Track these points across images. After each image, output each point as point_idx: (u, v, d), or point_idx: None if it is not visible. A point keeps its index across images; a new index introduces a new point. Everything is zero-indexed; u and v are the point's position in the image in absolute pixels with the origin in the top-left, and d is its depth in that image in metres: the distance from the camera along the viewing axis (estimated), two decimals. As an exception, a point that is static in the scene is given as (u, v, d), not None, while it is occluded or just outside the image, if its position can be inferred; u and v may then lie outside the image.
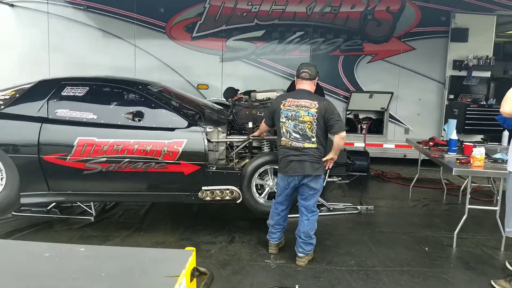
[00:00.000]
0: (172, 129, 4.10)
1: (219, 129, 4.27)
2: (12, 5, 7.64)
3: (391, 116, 7.44)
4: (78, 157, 3.95)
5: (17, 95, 4.17)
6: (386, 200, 5.80)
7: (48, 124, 3.97)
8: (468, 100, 7.18)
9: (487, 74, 7.17)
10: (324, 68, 7.09)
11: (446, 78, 7.16)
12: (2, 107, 4.09)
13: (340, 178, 5.28)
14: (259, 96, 4.81)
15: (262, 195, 4.36)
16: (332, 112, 3.50)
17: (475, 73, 7.09)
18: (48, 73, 7.59)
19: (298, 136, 3.54)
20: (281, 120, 3.60)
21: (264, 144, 4.50)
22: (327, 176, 3.77)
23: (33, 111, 4.05)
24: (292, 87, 6.15)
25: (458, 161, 4.30)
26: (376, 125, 7.59)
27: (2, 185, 4.05)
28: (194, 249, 1.57)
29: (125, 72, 7.15)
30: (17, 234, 4.29)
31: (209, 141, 4.16)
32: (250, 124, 4.65)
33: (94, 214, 4.72)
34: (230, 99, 5.02)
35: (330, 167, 3.72)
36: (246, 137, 4.40)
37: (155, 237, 4.29)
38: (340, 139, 3.52)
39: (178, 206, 5.19)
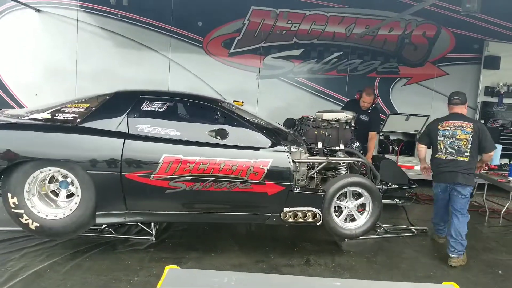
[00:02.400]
0: (257, 148, 3.98)
1: (301, 149, 4.18)
2: (38, 10, 7.37)
3: (422, 138, 7.53)
4: (163, 175, 3.75)
5: (93, 108, 3.96)
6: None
7: (131, 140, 3.76)
8: (497, 125, 7.39)
9: (514, 101, 7.43)
10: (361, 89, 7.11)
11: (478, 104, 7.35)
12: (78, 120, 3.86)
13: (402, 201, 5.26)
14: (326, 116, 4.76)
15: (340, 218, 4.28)
16: (486, 134, 4.23)
17: (504, 100, 7.31)
18: (75, 83, 7.35)
19: (453, 151, 4.28)
20: (438, 138, 4.38)
21: (341, 166, 4.44)
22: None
23: (113, 125, 3.83)
24: (349, 105, 6.13)
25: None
26: (407, 147, 7.68)
27: (76, 203, 3.79)
28: (455, 284, 1.50)
29: (158, 85, 6.99)
30: (81, 255, 4.02)
31: (292, 161, 4.06)
32: (320, 145, 4.62)
33: (154, 234, 4.52)
34: (291, 129, 4.98)
35: (484, 170, 4.74)
36: (325, 158, 4.34)
37: (230, 259, 4.13)
38: (488, 157, 4.39)
39: (234, 226, 5.04)
